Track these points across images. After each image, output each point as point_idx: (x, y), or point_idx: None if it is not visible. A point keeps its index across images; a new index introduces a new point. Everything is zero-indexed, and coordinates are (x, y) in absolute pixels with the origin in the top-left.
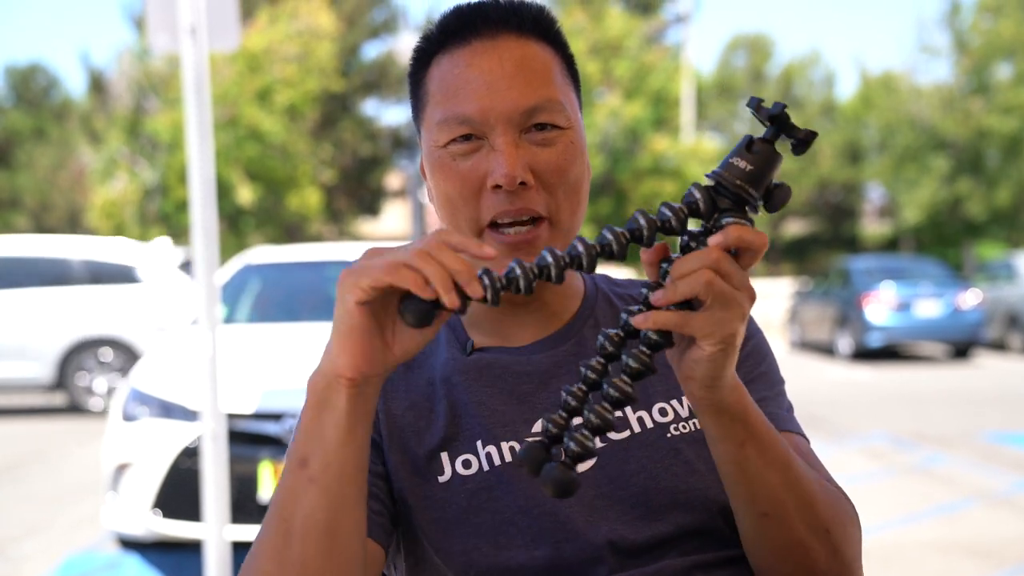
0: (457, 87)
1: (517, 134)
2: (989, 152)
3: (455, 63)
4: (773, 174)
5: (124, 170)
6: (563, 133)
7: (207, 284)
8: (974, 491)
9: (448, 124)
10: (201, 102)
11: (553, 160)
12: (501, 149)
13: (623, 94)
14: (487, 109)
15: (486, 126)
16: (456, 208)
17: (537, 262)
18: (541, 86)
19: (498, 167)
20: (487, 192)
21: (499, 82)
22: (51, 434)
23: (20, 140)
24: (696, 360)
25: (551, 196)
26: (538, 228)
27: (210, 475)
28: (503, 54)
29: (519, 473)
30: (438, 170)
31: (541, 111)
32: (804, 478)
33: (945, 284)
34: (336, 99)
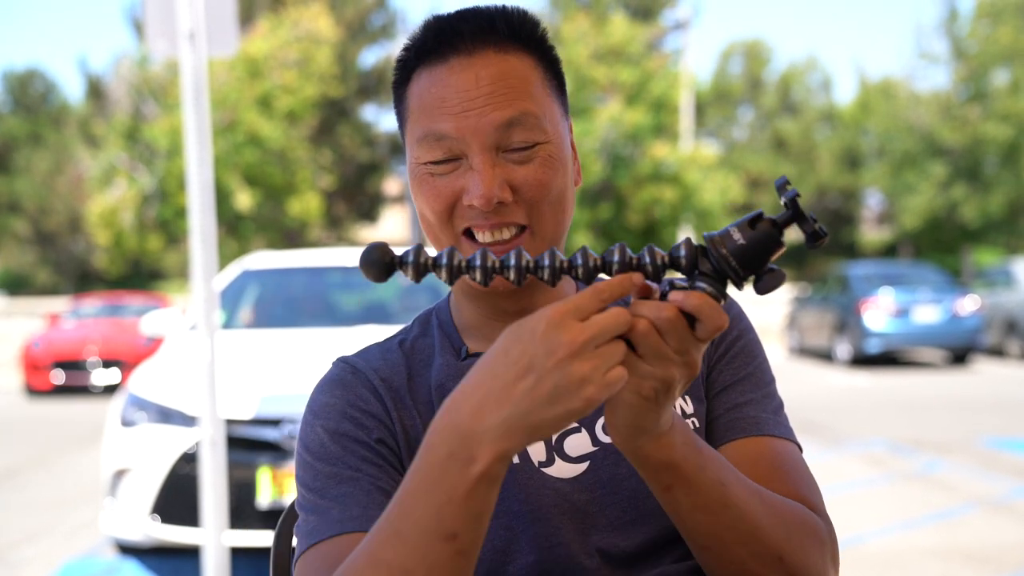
0: (433, 105)
1: (494, 153)
2: (986, 159)
3: (433, 80)
4: (769, 257)
5: (123, 176)
6: (541, 147)
7: (206, 289)
8: (973, 497)
9: (427, 142)
10: (200, 108)
11: (532, 176)
12: (478, 168)
13: (624, 100)
14: (462, 128)
15: (463, 144)
16: (432, 223)
17: (536, 260)
18: (517, 99)
19: (474, 187)
20: (461, 207)
21: (475, 101)
22: (50, 440)
23: (17, 145)
24: (615, 404)
25: (533, 208)
26: (518, 239)
27: (208, 481)
28: (480, 71)
29: (515, 478)
30: (417, 186)
31: (517, 125)
32: (747, 512)
33: (943, 290)
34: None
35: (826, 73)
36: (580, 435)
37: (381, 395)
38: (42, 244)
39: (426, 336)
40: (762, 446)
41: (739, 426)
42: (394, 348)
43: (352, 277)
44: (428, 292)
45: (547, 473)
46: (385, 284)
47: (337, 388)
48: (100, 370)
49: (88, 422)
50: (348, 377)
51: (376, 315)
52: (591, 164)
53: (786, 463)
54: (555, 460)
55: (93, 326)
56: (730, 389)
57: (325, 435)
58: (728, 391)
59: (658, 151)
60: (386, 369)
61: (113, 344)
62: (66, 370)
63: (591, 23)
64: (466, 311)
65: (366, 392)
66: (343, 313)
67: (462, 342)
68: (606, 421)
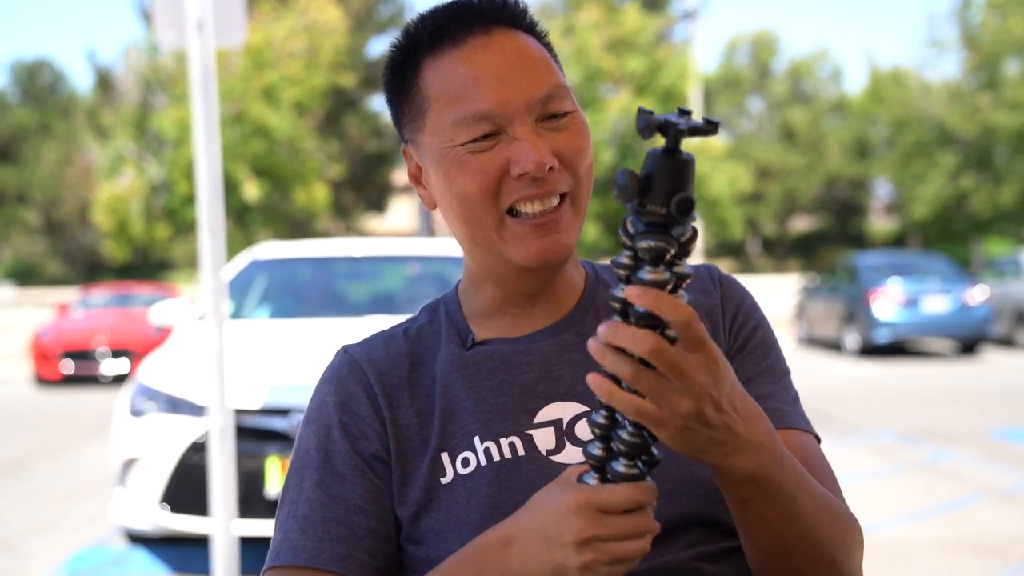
0: (466, 86)
1: (534, 122)
2: (997, 148)
3: (454, 64)
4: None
5: (131, 166)
6: (573, 116)
7: (214, 279)
8: (981, 487)
9: (466, 123)
10: (208, 98)
11: (572, 142)
12: (525, 138)
13: (634, 91)
14: (504, 101)
15: (504, 119)
16: (474, 203)
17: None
18: (546, 74)
19: (525, 155)
20: (509, 180)
21: (508, 75)
22: (59, 430)
23: (26, 135)
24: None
25: (572, 176)
26: (560, 208)
27: (217, 470)
28: (504, 46)
29: (519, 469)
30: (455, 168)
31: (553, 98)
32: (812, 522)
33: (952, 280)
34: (343, 95)
35: (835, 63)
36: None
37: (375, 392)
38: (51, 234)
39: (433, 324)
40: (787, 440)
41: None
42: (399, 336)
43: (360, 267)
44: (436, 283)
45: (556, 461)
46: (393, 274)
47: (332, 384)
48: (109, 360)
49: (97, 412)
50: (344, 371)
51: (384, 305)
52: (601, 154)
53: (812, 457)
54: (565, 446)
55: (102, 316)
56: (752, 383)
57: (312, 440)
58: (750, 385)
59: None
60: (386, 361)
61: (122, 334)
62: (75, 360)
63: (603, 12)
64: (479, 297)
65: (358, 390)
66: (351, 303)
67: (469, 330)
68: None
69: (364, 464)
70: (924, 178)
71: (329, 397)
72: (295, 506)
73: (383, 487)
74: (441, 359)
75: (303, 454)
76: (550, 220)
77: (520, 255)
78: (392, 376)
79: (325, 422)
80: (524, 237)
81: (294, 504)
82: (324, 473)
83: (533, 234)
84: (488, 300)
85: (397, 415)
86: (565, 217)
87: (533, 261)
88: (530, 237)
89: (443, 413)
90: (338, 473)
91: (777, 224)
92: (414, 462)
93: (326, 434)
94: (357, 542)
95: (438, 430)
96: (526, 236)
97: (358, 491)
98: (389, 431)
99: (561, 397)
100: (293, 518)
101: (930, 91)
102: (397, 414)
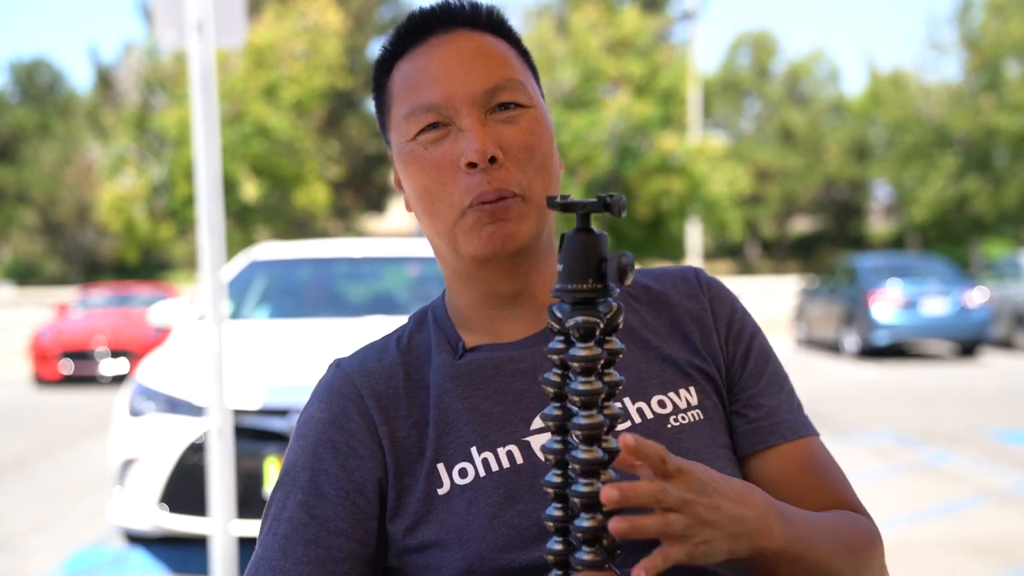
0: (419, 80)
1: (482, 114)
2: (997, 150)
3: (414, 61)
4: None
5: (131, 166)
6: (526, 111)
7: (214, 280)
8: (980, 489)
9: (415, 115)
10: (208, 98)
11: (520, 136)
12: (469, 128)
13: (633, 92)
14: (450, 94)
15: (451, 110)
16: (434, 197)
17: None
18: (498, 67)
19: (468, 144)
20: (462, 174)
21: (458, 68)
22: (58, 429)
23: (25, 135)
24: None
25: (522, 173)
26: (511, 200)
27: (216, 471)
28: (460, 44)
29: (518, 477)
30: (411, 163)
31: (502, 90)
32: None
33: (952, 282)
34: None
35: (834, 64)
36: None
37: (368, 408)
38: (50, 234)
39: (422, 332)
40: (800, 449)
41: (778, 431)
42: (391, 346)
43: (360, 268)
44: (438, 283)
45: None
46: (393, 275)
47: (323, 400)
48: (108, 360)
49: (96, 412)
50: (336, 386)
51: (384, 306)
52: (599, 156)
53: (824, 464)
54: None
55: (101, 316)
56: (757, 396)
57: (300, 457)
58: (759, 397)
59: (666, 143)
60: (380, 373)
61: (121, 334)
62: (74, 360)
63: (601, 13)
64: (461, 300)
65: (351, 407)
66: (351, 304)
67: (458, 337)
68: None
69: (350, 485)
70: (924, 180)
71: (320, 413)
72: (276, 523)
73: (368, 510)
74: (434, 369)
75: (289, 470)
76: (499, 207)
77: (472, 245)
78: (387, 388)
79: (314, 439)
80: (475, 225)
81: (276, 521)
82: (308, 493)
83: (483, 220)
84: (467, 303)
85: (394, 428)
86: (514, 209)
87: (483, 251)
88: (480, 224)
89: (438, 424)
90: (322, 493)
91: (776, 226)
92: (412, 474)
93: (313, 451)
94: (335, 565)
95: (433, 441)
96: (477, 223)
97: (341, 513)
98: (385, 446)
99: None
100: (273, 535)
101: (930, 93)
102: (394, 427)
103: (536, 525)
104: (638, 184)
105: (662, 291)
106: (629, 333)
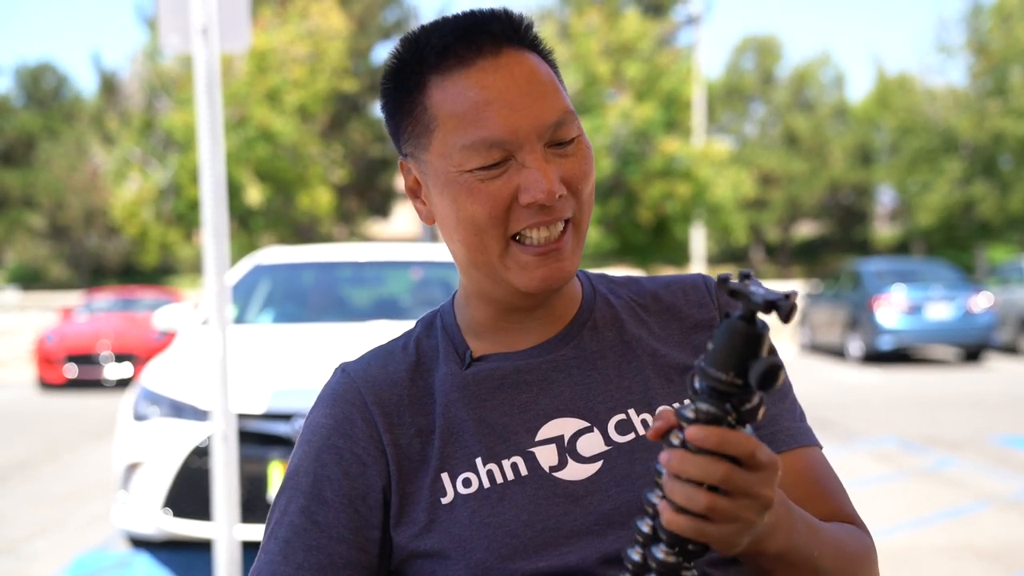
0: (477, 111)
1: (544, 148)
2: (1003, 155)
3: (464, 87)
4: (752, 350)
5: (137, 171)
6: (579, 141)
7: (218, 284)
8: (984, 495)
9: (476, 149)
10: (212, 102)
11: (578, 168)
12: (534, 166)
13: (635, 96)
14: (515, 128)
15: (514, 145)
16: (483, 229)
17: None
18: (555, 99)
19: (535, 184)
20: (517, 208)
21: (519, 100)
22: (63, 433)
23: (31, 139)
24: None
25: (576, 201)
26: (564, 235)
27: (220, 475)
28: (513, 70)
29: (523, 489)
30: (463, 194)
31: (563, 124)
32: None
33: (956, 287)
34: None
35: (838, 69)
36: (592, 435)
37: (372, 415)
38: (56, 238)
39: (430, 339)
40: (800, 460)
41: (778, 439)
42: (397, 352)
43: (364, 272)
44: (442, 287)
45: (559, 477)
46: (397, 279)
47: (328, 406)
48: (113, 364)
49: (100, 416)
50: (340, 392)
51: (388, 310)
52: (601, 160)
53: (824, 474)
54: (568, 462)
55: (106, 320)
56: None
57: (303, 462)
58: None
59: (669, 147)
60: (385, 380)
61: (126, 338)
62: (79, 364)
63: (603, 18)
64: (475, 310)
65: (355, 413)
66: (355, 308)
67: (466, 346)
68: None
69: (353, 491)
70: (929, 185)
71: (324, 419)
72: (279, 527)
73: (370, 517)
74: (440, 377)
75: (293, 475)
76: (554, 248)
77: (522, 282)
78: (391, 395)
79: (318, 445)
80: (528, 265)
81: (278, 525)
82: (311, 498)
83: (537, 262)
84: (484, 315)
85: (397, 435)
86: (568, 245)
87: (535, 288)
88: (533, 265)
89: (443, 434)
90: (324, 499)
91: (781, 230)
92: (415, 482)
93: (316, 457)
94: (336, 572)
95: (439, 450)
96: (529, 264)
97: (343, 519)
98: (389, 452)
99: (561, 413)
100: (275, 540)
101: (936, 97)
102: (397, 434)
103: (539, 535)
104: (641, 188)
105: (672, 301)
106: (637, 343)
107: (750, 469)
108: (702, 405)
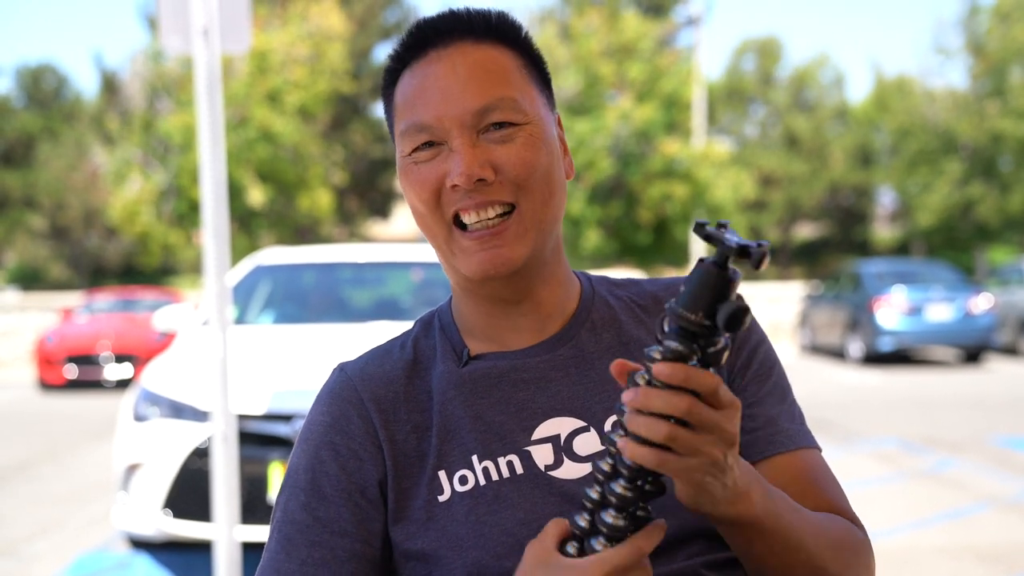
0: (415, 97)
1: (474, 135)
2: (1003, 156)
3: (414, 75)
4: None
5: (137, 172)
6: (521, 128)
7: (218, 285)
8: (984, 496)
9: (409, 133)
10: (213, 103)
11: (514, 155)
12: (457, 149)
13: (635, 97)
14: (442, 115)
15: (443, 131)
16: (422, 212)
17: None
18: (493, 86)
19: (455, 167)
20: (447, 191)
21: (452, 87)
22: (63, 434)
23: (31, 140)
24: (680, 487)
25: (518, 188)
26: (506, 222)
27: (220, 476)
28: (456, 60)
29: (518, 487)
30: (403, 178)
31: (493, 110)
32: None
33: (957, 288)
34: (347, 101)
35: (839, 70)
36: (588, 434)
37: (369, 412)
38: (56, 239)
39: (428, 338)
40: (798, 460)
41: (777, 440)
42: (395, 351)
43: (364, 273)
44: (443, 288)
45: (554, 476)
46: (397, 280)
47: (325, 404)
48: (113, 365)
49: (100, 417)
50: (337, 391)
51: (388, 311)
52: (601, 161)
53: (821, 475)
54: (563, 461)
55: (106, 321)
56: (758, 405)
57: (303, 460)
58: (758, 406)
59: (669, 148)
60: (382, 377)
61: (126, 339)
62: (79, 365)
63: (603, 19)
64: (466, 308)
65: (352, 411)
66: (355, 309)
67: (464, 344)
68: (677, 496)
69: (352, 486)
70: (929, 186)
71: (321, 417)
72: (281, 525)
73: (371, 511)
74: (437, 375)
75: (292, 473)
76: (493, 233)
77: (465, 267)
78: (388, 392)
79: (315, 442)
80: (468, 250)
81: (280, 523)
82: (310, 495)
83: (476, 246)
84: (471, 311)
85: (393, 431)
86: (511, 231)
87: (477, 273)
88: (473, 249)
89: (440, 431)
90: (324, 495)
91: (781, 232)
92: (411, 478)
93: (314, 454)
94: (339, 566)
95: (435, 448)
96: (470, 248)
97: (344, 514)
98: (385, 449)
99: (558, 413)
100: (277, 537)
101: (935, 99)
102: (393, 430)
103: (534, 534)
104: (641, 189)
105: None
106: (635, 344)
107: (713, 406)
108: (670, 343)
